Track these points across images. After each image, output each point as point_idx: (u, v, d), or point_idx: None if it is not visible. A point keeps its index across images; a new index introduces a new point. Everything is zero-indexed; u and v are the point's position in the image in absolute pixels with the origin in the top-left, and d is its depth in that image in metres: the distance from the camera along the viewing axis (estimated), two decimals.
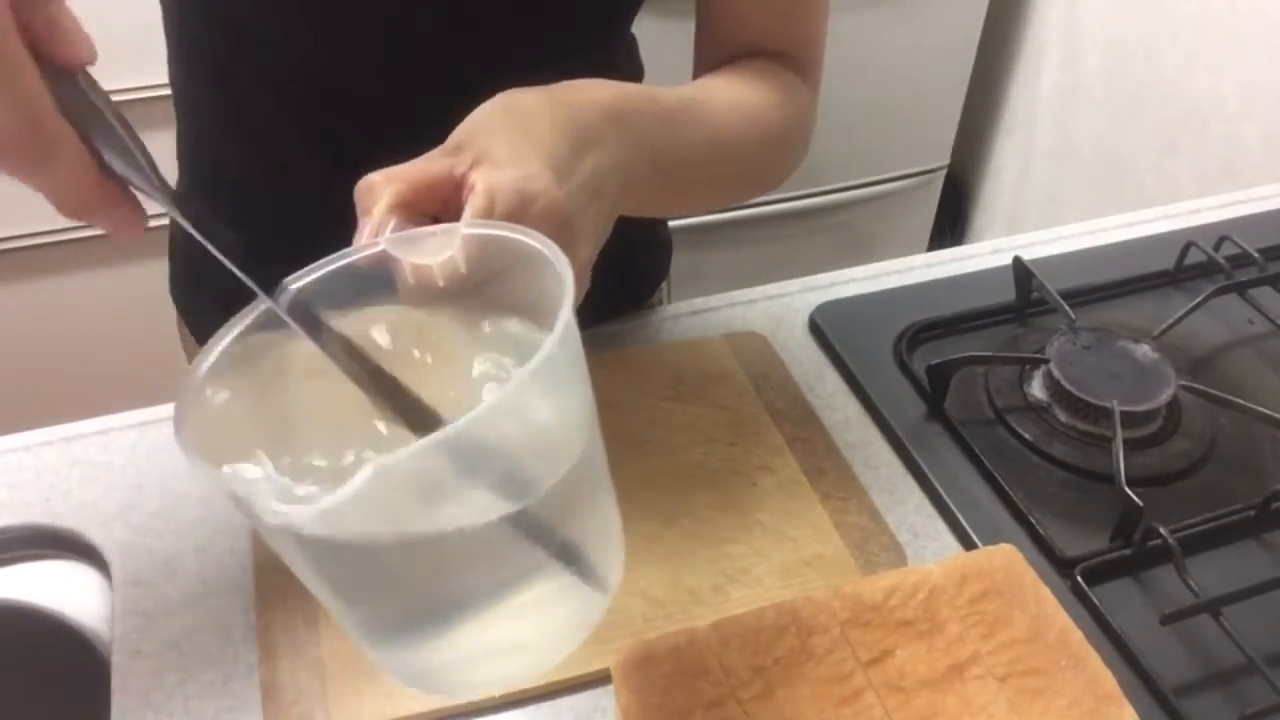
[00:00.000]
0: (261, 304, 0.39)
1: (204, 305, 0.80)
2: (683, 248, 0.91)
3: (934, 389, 0.70)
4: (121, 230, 0.40)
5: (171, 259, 0.82)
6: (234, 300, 0.38)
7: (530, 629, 0.40)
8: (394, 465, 0.30)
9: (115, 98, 0.38)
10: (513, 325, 0.41)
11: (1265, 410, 0.67)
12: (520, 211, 0.42)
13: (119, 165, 0.38)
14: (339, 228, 0.43)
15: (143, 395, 0.72)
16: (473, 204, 0.42)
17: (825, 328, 0.76)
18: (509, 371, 0.39)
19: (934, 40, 1.76)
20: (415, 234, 0.41)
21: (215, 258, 0.38)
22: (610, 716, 0.54)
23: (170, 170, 0.73)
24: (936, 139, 1.90)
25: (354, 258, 0.41)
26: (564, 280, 0.37)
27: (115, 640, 0.56)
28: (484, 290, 0.41)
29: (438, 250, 0.40)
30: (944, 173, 1.95)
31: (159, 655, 0.56)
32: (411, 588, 0.37)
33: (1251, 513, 0.62)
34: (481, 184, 0.43)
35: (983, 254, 0.85)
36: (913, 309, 0.77)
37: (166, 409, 0.70)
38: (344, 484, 0.30)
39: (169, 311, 0.83)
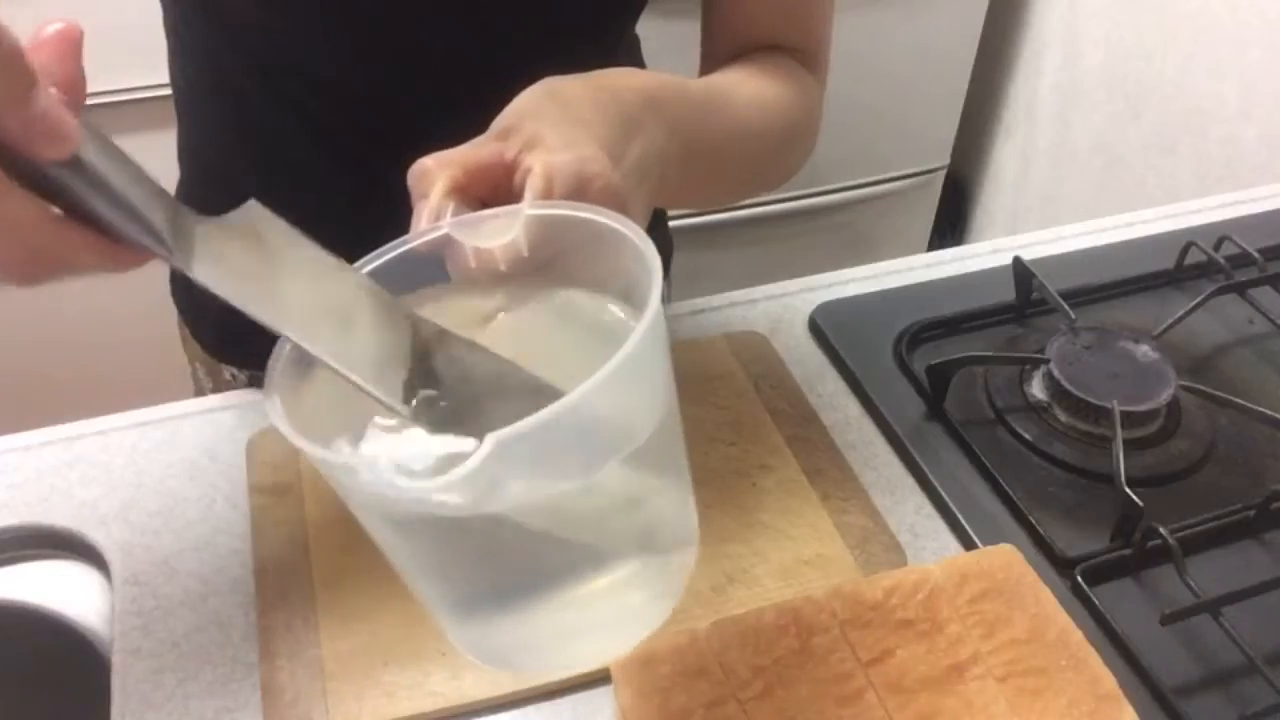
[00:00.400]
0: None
1: (203, 306, 0.80)
2: (683, 248, 0.91)
3: (934, 389, 0.70)
4: (113, 262, 0.38)
5: None
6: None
7: (610, 610, 0.40)
8: (512, 438, 0.30)
9: (115, 98, 0.37)
10: (582, 299, 0.41)
11: (1265, 410, 0.67)
12: (579, 192, 0.42)
13: (132, 234, 0.35)
14: (341, 227, 0.43)
15: (143, 395, 0.72)
16: (532, 186, 0.42)
17: (825, 328, 0.76)
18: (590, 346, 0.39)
19: (934, 40, 1.76)
20: (476, 217, 0.41)
21: None
22: (610, 716, 0.54)
23: (171, 170, 0.74)
24: (936, 139, 1.90)
25: (417, 242, 0.40)
26: (645, 252, 0.36)
27: (115, 640, 0.56)
28: (543, 272, 0.41)
29: (500, 233, 0.40)
30: (944, 173, 1.95)
31: (159, 655, 0.56)
32: (503, 563, 0.37)
33: (1251, 513, 0.62)
34: (539, 166, 0.42)
35: (983, 254, 0.85)
36: (913, 309, 0.77)
37: (166, 409, 0.70)
38: (463, 459, 0.29)
39: (169, 311, 0.83)
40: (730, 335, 0.75)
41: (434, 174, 0.42)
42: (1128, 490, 0.60)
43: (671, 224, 0.91)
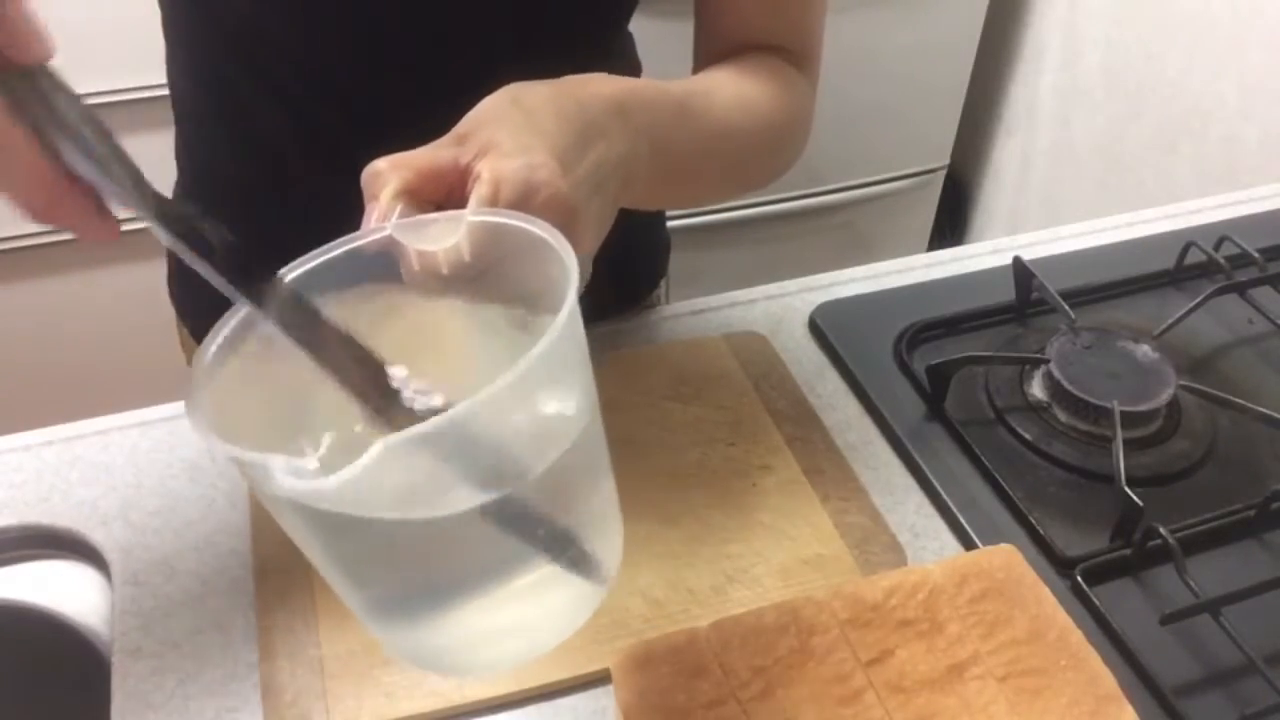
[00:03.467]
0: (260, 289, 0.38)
1: (199, 304, 0.80)
2: (683, 248, 0.91)
3: (934, 389, 0.70)
4: (89, 232, 0.39)
5: (169, 261, 0.82)
6: (228, 298, 0.38)
7: (530, 612, 0.41)
8: (401, 444, 0.30)
9: (114, 98, 0.38)
10: (518, 310, 0.42)
11: (1265, 410, 0.67)
12: (525, 200, 0.43)
13: (82, 167, 0.37)
14: (337, 227, 0.43)
15: (143, 395, 0.72)
16: (478, 192, 0.42)
17: (825, 328, 0.76)
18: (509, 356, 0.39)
19: (934, 40, 1.76)
20: (421, 220, 0.42)
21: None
22: (610, 716, 0.54)
23: (169, 170, 0.74)
24: (936, 139, 1.90)
25: (360, 242, 0.41)
26: (568, 266, 0.37)
27: (115, 640, 0.56)
28: (488, 276, 0.41)
29: (443, 237, 0.41)
30: (944, 173, 1.95)
31: (159, 655, 0.56)
32: (411, 567, 0.38)
33: (1251, 513, 0.62)
34: (487, 172, 0.43)
35: (983, 254, 0.85)
36: (913, 309, 0.77)
37: (166, 409, 0.70)
38: (352, 461, 0.30)
39: (169, 311, 0.83)
40: (730, 335, 0.75)
41: (386, 175, 0.43)
42: (1128, 490, 0.60)
43: (671, 224, 0.91)
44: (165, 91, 0.73)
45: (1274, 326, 0.78)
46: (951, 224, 2.08)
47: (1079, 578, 0.59)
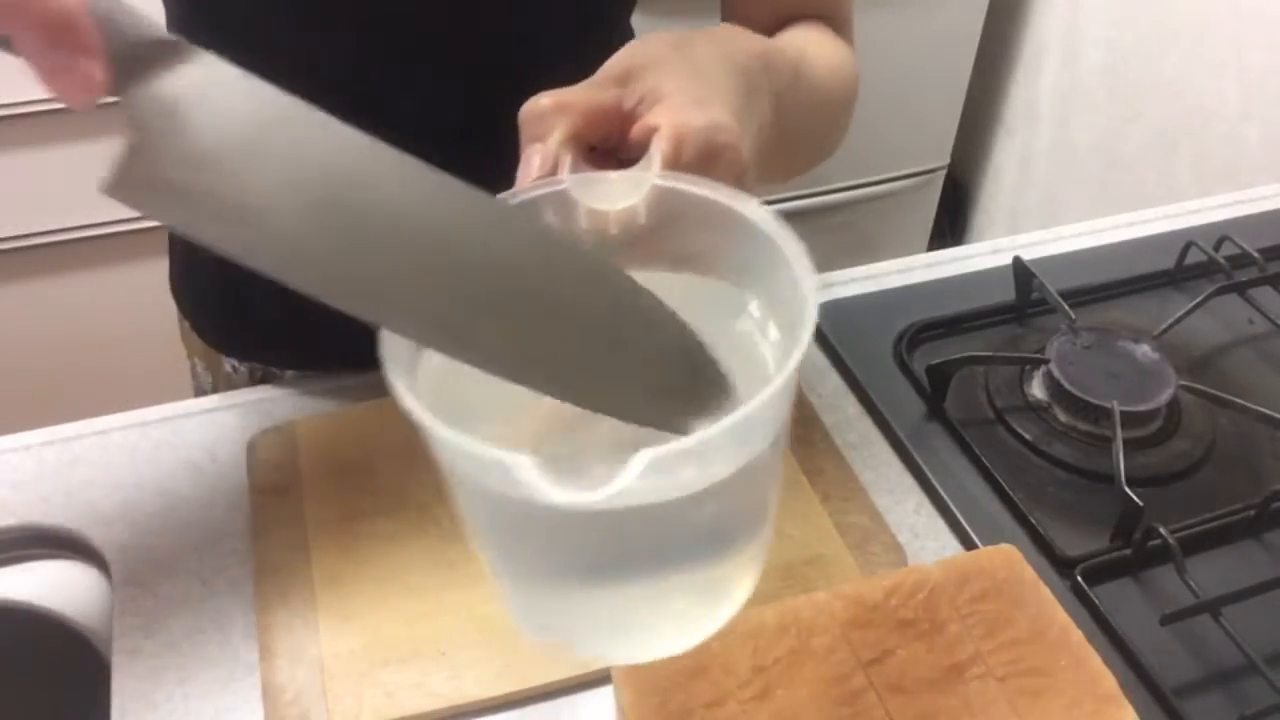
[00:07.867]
0: None
1: (203, 299, 0.79)
2: None
3: (934, 389, 0.70)
4: (76, 81, 0.33)
5: (171, 256, 0.81)
6: (232, 292, 0.38)
7: (652, 615, 0.39)
8: (667, 456, 0.29)
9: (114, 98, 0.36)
10: (684, 273, 0.39)
11: (1265, 410, 0.67)
12: (708, 162, 0.39)
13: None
14: None
15: (143, 395, 0.72)
16: (659, 149, 0.39)
17: (825, 328, 0.76)
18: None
19: (934, 40, 1.76)
20: (597, 177, 0.38)
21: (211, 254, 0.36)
22: (610, 716, 0.54)
23: None
24: (936, 139, 1.90)
25: (535, 194, 0.38)
26: (796, 268, 0.34)
27: (115, 640, 0.56)
28: (651, 238, 0.38)
29: (621, 197, 0.37)
30: (944, 173, 1.95)
31: (159, 655, 0.56)
32: (596, 553, 0.36)
33: (1251, 513, 0.62)
34: (668, 128, 0.39)
35: (983, 254, 0.85)
36: (913, 309, 0.77)
37: (166, 409, 0.70)
38: (616, 473, 0.29)
39: (169, 311, 0.83)
40: None
41: (551, 120, 0.40)
42: (1128, 490, 0.60)
43: None
44: None
45: (1274, 326, 0.78)
46: (951, 224, 2.08)
47: (1079, 578, 0.59)
